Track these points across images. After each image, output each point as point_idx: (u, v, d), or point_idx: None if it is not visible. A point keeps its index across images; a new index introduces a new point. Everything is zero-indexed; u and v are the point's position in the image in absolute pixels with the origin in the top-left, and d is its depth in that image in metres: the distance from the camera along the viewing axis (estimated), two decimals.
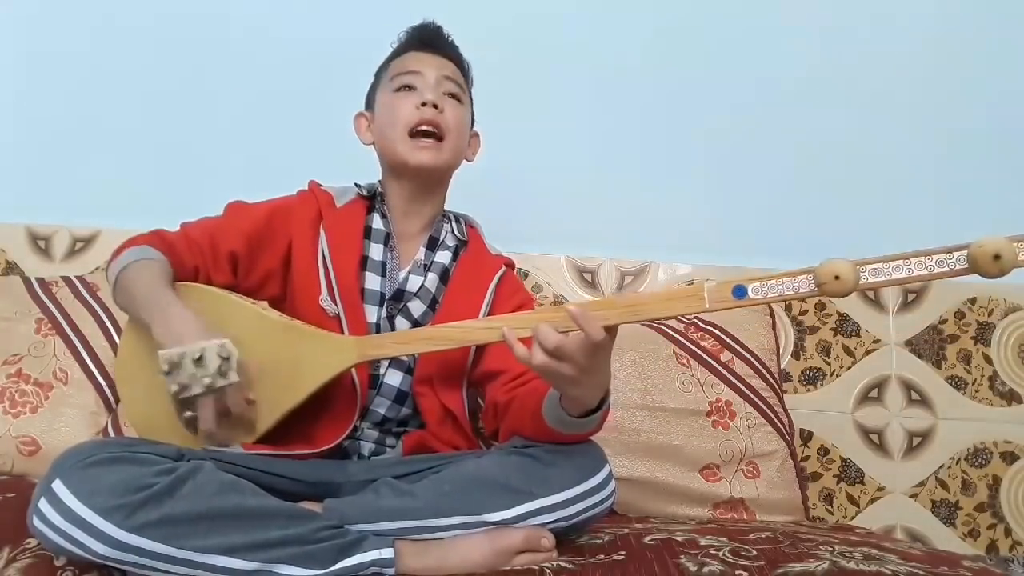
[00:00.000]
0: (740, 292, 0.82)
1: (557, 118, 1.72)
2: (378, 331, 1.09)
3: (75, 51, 1.73)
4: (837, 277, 0.78)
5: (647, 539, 0.94)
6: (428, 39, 1.18)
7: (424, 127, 1.10)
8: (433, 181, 1.16)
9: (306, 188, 1.17)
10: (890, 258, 0.77)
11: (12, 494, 1.02)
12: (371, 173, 1.20)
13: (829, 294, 0.79)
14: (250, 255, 1.08)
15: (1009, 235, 0.73)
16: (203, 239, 1.06)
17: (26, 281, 1.52)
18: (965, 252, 0.74)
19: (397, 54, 1.19)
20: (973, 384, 1.64)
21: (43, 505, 0.76)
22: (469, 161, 1.21)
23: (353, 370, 1.02)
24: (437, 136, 1.11)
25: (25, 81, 1.74)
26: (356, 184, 1.18)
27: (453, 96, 1.14)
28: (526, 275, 1.67)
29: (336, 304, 1.06)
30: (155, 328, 0.94)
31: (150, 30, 1.74)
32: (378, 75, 1.21)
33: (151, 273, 1.00)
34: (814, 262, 0.79)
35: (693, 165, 1.74)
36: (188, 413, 0.92)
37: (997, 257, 0.72)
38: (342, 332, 1.05)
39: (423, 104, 1.10)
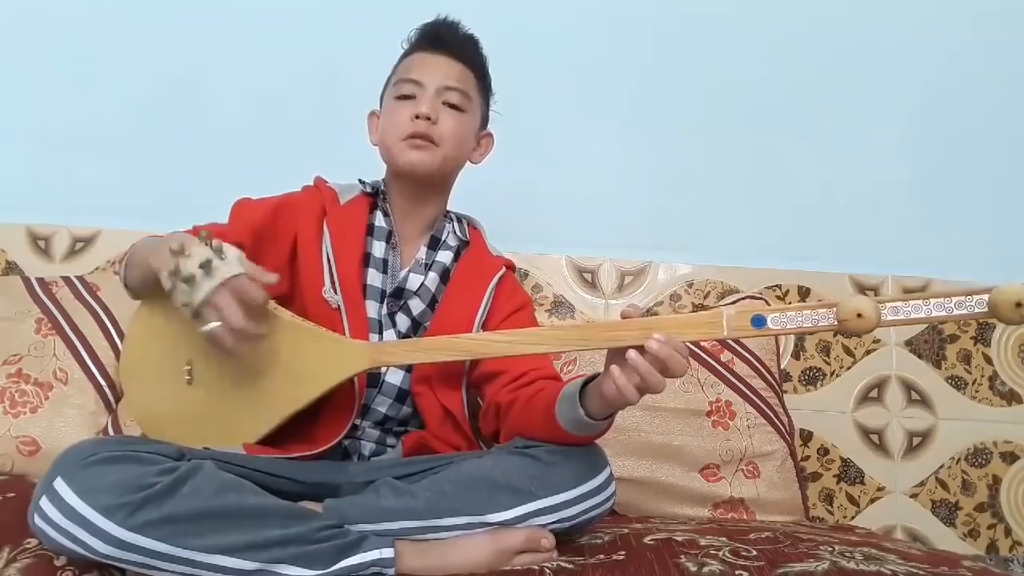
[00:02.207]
0: (759, 322, 0.81)
1: (557, 118, 1.72)
2: (379, 327, 1.09)
3: (75, 51, 1.73)
4: (860, 315, 0.77)
5: (647, 539, 0.94)
6: (436, 40, 1.15)
7: (417, 138, 1.09)
8: (430, 185, 1.15)
9: (311, 184, 1.17)
10: (909, 297, 0.77)
11: (12, 494, 1.02)
12: (375, 171, 1.20)
13: (849, 331, 0.78)
14: (257, 249, 1.08)
15: None
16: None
17: (26, 281, 1.52)
18: (986, 297, 0.74)
19: (406, 55, 1.18)
20: (973, 384, 1.65)
21: (44, 503, 0.76)
22: (475, 163, 1.21)
23: None
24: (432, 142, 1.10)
25: (25, 81, 1.74)
26: (360, 181, 1.18)
27: (453, 105, 1.12)
28: (526, 275, 1.67)
29: (338, 296, 1.07)
30: (152, 260, 0.90)
31: (150, 29, 1.73)
32: (391, 73, 1.20)
33: (157, 239, 0.98)
34: (814, 263, 0.79)
35: (694, 165, 1.74)
36: (212, 325, 0.84)
37: (1019, 305, 0.71)
38: (343, 324, 1.05)
39: (417, 116, 1.09)
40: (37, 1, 1.75)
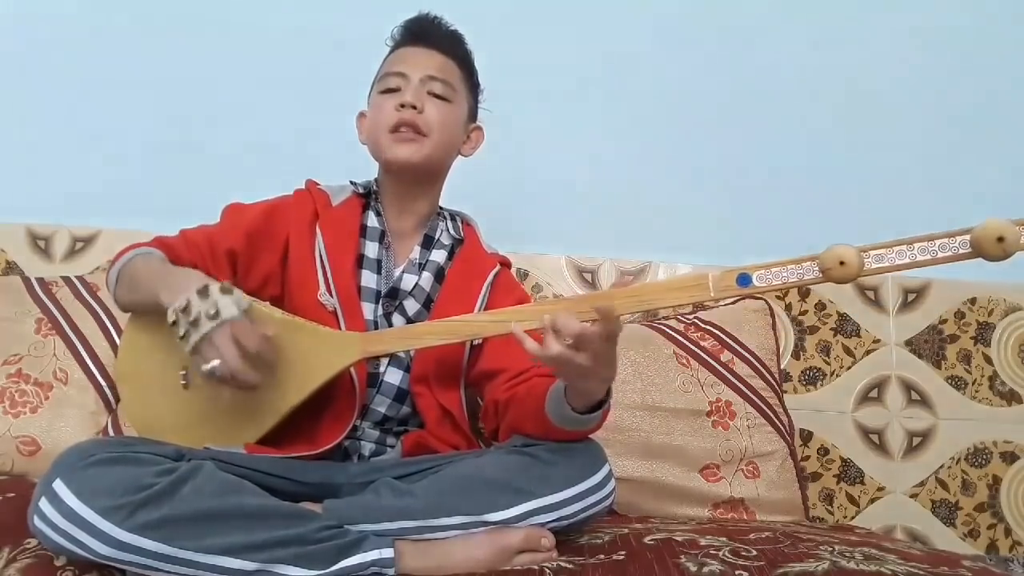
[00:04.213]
0: (744, 280, 0.82)
1: (557, 117, 1.72)
2: (375, 328, 1.09)
3: (75, 51, 1.73)
4: (842, 263, 0.78)
5: (647, 539, 0.94)
6: (420, 33, 1.16)
7: (402, 128, 1.10)
8: (421, 177, 1.15)
9: (303, 187, 1.17)
10: (893, 244, 0.78)
11: (12, 494, 1.02)
12: (370, 172, 1.20)
13: (834, 280, 0.79)
14: (249, 253, 1.08)
15: (1012, 218, 0.73)
16: (201, 240, 1.07)
17: (26, 281, 1.52)
18: (968, 236, 0.74)
19: (391, 51, 1.19)
20: (973, 384, 1.64)
21: (44, 504, 0.76)
22: (466, 156, 1.21)
23: (352, 368, 1.02)
24: (419, 133, 1.10)
25: (25, 80, 1.74)
26: (352, 182, 1.18)
27: (438, 95, 1.12)
28: (526, 275, 1.67)
29: (334, 299, 1.06)
30: (162, 295, 0.92)
31: (150, 30, 1.74)
32: (377, 72, 1.21)
33: (154, 261, 1.01)
34: None
35: (694, 165, 1.74)
36: (210, 365, 0.87)
37: (1000, 239, 0.72)
38: (339, 327, 1.05)
39: (402, 105, 1.09)
40: (39, 3, 1.75)
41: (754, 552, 0.87)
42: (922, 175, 1.73)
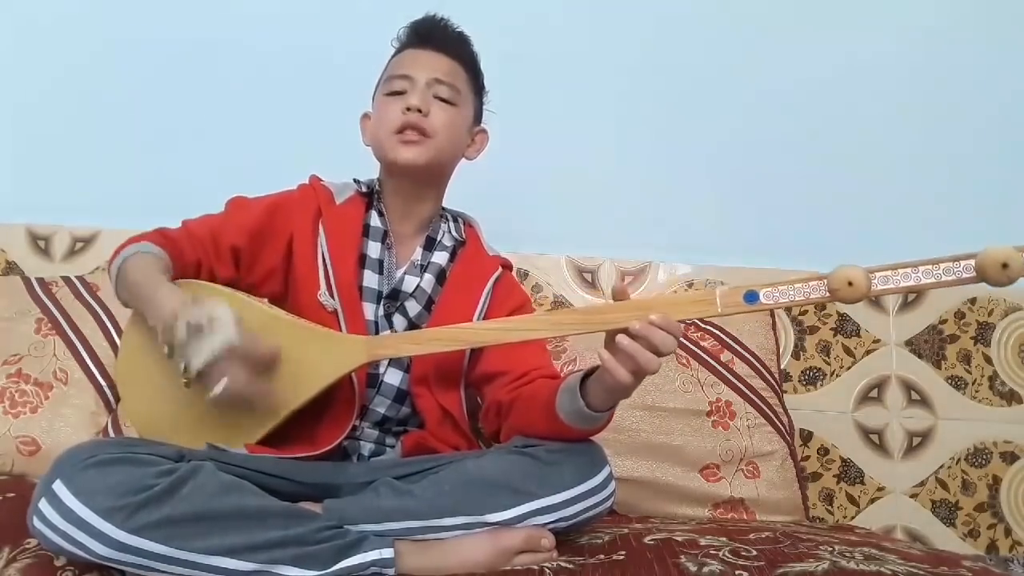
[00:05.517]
0: (752, 297, 0.82)
1: (558, 118, 1.72)
2: (376, 329, 1.09)
3: (75, 52, 1.73)
4: (850, 283, 0.78)
5: (647, 539, 0.94)
6: (426, 35, 1.16)
7: (407, 130, 1.09)
8: (424, 180, 1.14)
9: (306, 182, 1.17)
10: (898, 266, 0.78)
11: (12, 494, 1.02)
12: (372, 171, 1.20)
13: (841, 300, 0.79)
14: (252, 250, 1.08)
15: (1016, 245, 0.73)
16: (205, 234, 1.06)
17: (26, 281, 1.52)
18: (972, 261, 0.75)
19: (396, 52, 1.19)
20: (973, 384, 1.64)
21: (43, 505, 0.76)
22: (470, 159, 1.20)
23: None
24: (424, 135, 1.10)
25: (26, 81, 1.74)
26: (355, 180, 1.18)
27: (443, 99, 1.12)
28: (526, 275, 1.67)
29: (334, 300, 1.06)
30: (148, 313, 0.94)
31: (150, 31, 1.73)
32: (382, 72, 1.21)
33: (146, 264, 1.00)
34: (814, 263, 0.80)
35: (694, 165, 1.74)
36: (218, 389, 0.87)
37: (1005, 266, 0.73)
38: (340, 327, 1.05)
39: (408, 108, 1.09)
40: (36, 3, 1.75)
41: (754, 552, 0.87)
42: (925, 179, 1.72)
